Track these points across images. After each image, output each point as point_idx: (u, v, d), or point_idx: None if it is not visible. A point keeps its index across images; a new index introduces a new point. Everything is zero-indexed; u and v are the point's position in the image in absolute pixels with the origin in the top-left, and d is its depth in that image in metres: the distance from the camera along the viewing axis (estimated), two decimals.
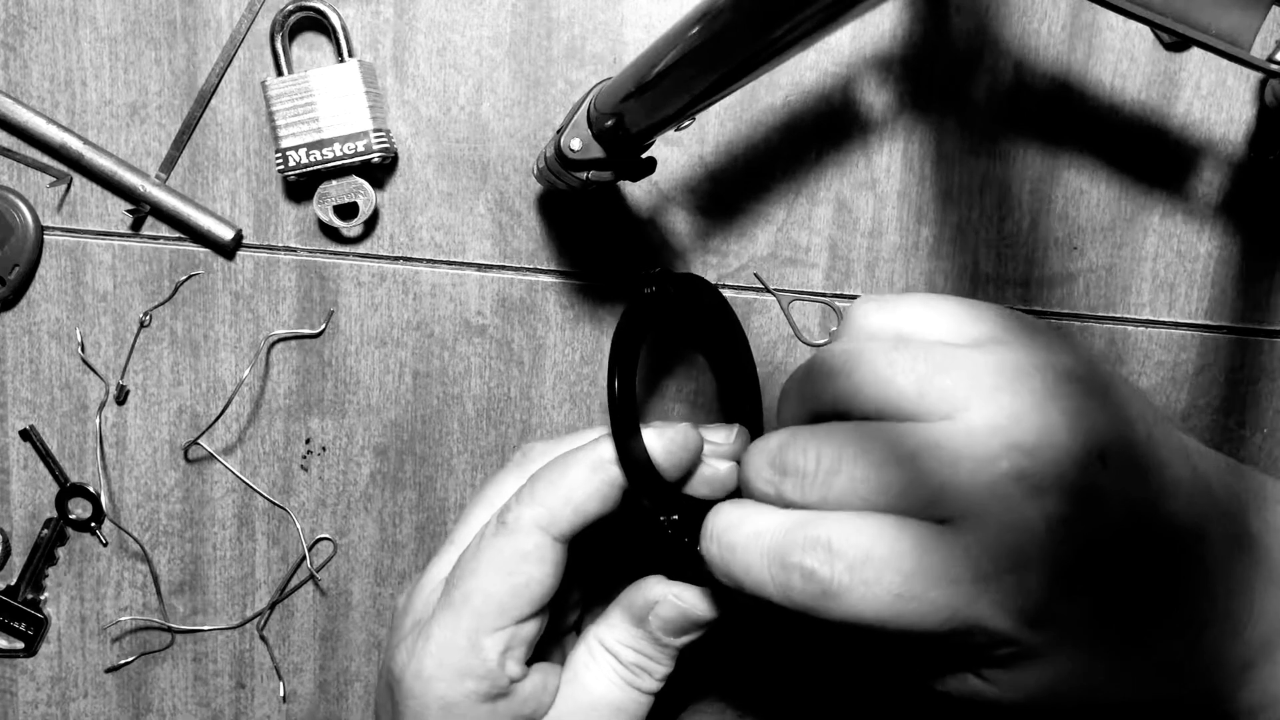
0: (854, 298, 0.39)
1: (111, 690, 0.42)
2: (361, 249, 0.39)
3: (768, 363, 0.39)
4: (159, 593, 0.41)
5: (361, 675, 0.42)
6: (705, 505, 0.32)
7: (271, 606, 0.41)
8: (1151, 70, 0.37)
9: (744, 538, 0.30)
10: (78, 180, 0.39)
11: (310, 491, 0.41)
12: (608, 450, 0.32)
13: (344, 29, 0.37)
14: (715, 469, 0.33)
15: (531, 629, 0.33)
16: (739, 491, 0.33)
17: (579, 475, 0.32)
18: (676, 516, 0.33)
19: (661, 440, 0.32)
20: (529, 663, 0.34)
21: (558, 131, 0.32)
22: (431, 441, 0.40)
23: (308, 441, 0.40)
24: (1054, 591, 0.27)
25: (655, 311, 0.34)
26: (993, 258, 0.38)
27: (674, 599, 0.34)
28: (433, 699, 0.32)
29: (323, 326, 0.40)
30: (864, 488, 0.28)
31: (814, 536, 0.28)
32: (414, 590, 0.35)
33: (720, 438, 0.34)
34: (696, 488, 0.33)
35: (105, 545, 0.41)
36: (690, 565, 0.33)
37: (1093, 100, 0.38)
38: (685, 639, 0.34)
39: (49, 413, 0.40)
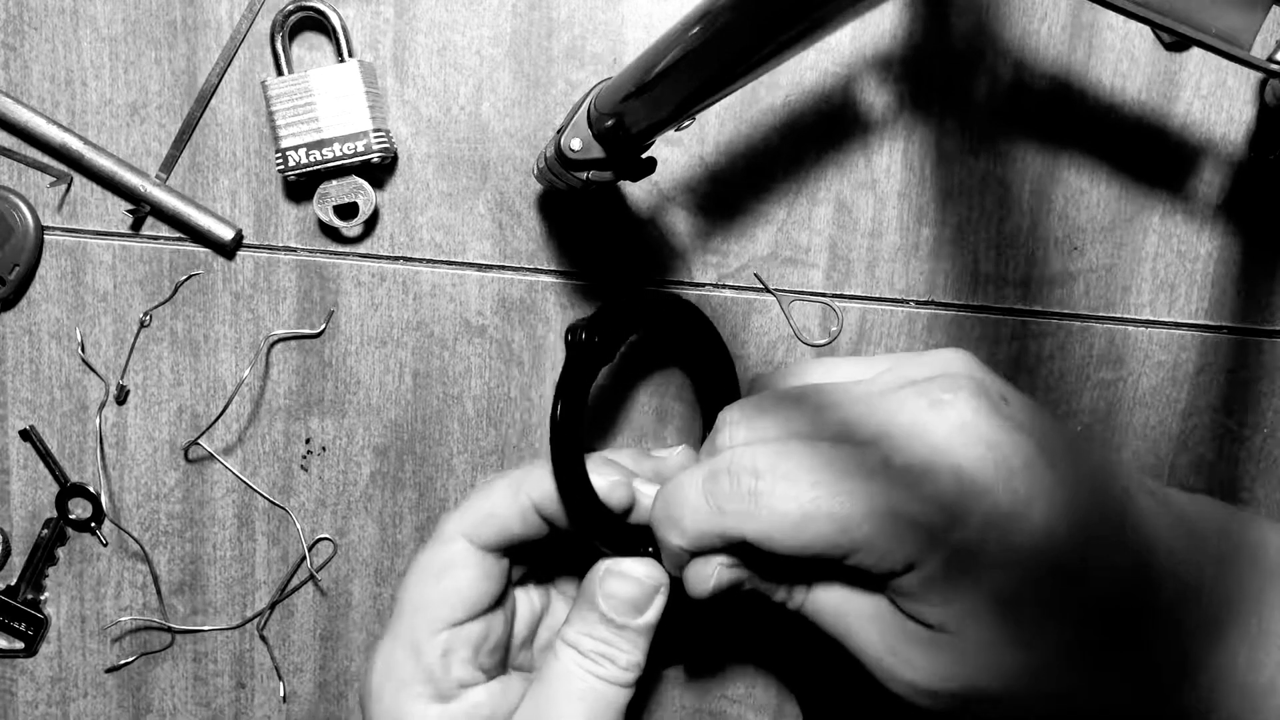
0: (854, 298, 0.39)
1: (111, 690, 0.42)
2: (361, 249, 0.39)
3: (767, 362, 0.39)
4: (159, 593, 0.41)
5: (362, 675, 0.42)
6: (647, 533, 0.34)
7: (271, 606, 0.41)
8: (1151, 70, 0.37)
9: (680, 481, 0.32)
10: (78, 180, 0.39)
11: (310, 491, 0.41)
12: (533, 476, 0.34)
13: (344, 29, 0.37)
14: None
15: (473, 632, 0.34)
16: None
17: (500, 492, 0.34)
18: (618, 544, 0.34)
19: (604, 480, 0.33)
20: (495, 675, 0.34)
21: (558, 131, 0.32)
22: (432, 441, 0.40)
23: (308, 441, 0.40)
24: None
25: (594, 356, 0.34)
26: (993, 258, 0.38)
27: (616, 569, 0.34)
28: (384, 711, 0.33)
29: (323, 326, 0.40)
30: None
31: (739, 459, 0.31)
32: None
33: (665, 455, 0.36)
34: (640, 517, 0.34)
35: (105, 545, 0.41)
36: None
37: (1093, 100, 0.38)
38: (641, 620, 0.34)
39: (49, 413, 0.40)
